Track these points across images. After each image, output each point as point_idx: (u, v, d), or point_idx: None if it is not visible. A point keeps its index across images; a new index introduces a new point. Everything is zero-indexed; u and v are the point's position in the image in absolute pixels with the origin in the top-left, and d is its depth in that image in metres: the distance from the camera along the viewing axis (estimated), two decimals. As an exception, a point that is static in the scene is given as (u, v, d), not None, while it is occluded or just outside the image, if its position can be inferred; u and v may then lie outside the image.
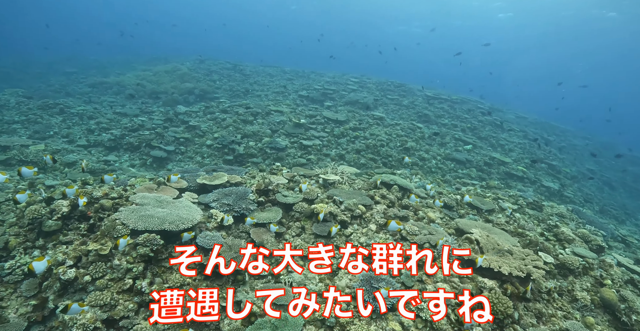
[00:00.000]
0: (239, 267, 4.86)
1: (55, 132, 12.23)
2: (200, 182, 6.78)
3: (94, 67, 27.47)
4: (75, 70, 25.50)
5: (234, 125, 13.68)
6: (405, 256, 5.54)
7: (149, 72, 23.58)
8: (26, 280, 5.14)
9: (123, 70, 25.81)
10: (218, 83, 21.80)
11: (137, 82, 20.62)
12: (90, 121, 13.42)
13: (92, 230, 5.49)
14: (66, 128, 12.66)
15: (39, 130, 11.93)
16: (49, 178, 8.73)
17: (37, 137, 11.61)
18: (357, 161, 12.79)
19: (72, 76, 23.49)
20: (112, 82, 20.65)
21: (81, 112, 13.91)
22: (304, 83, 22.88)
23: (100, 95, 18.54)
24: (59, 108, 13.79)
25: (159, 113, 14.88)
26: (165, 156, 11.51)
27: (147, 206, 5.38)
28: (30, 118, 12.72)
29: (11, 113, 13.29)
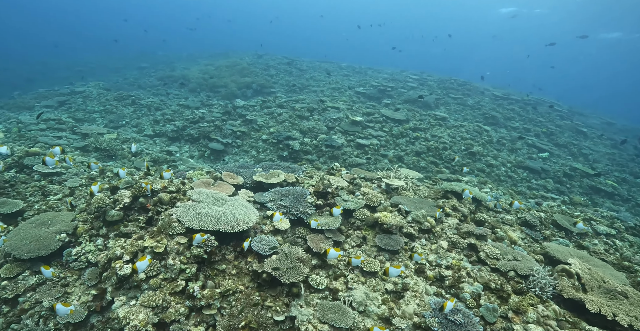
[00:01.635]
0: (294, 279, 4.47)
1: (126, 121, 12.96)
2: (257, 179, 6.52)
3: (163, 62, 29.16)
4: (147, 65, 27.25)
5: (290, 120, 13.48)
6: (484, 284, 4.77)
7: (211, 67, 24.38)
8: (89, 268, 5.23)
9: (188, 64, 27.04)
10: (275, 78, 21.88)
11: (200, 75, 21.36)
12: (156, 112, 14.05)
13: (150, 223, 5.44)
14: (136, 118, 13.37)
15: (114, 119, 12.72)
16: (117, 165, 9.11)
17: (111, 126, 12.38)
18: (416, 164, 11.91)
19: (144, 70, 25.11)
20: (178, 75, 21.64)
21: (149, 103, 14.62)
22: (361, 80, 22.16)
23: (167, 88, 19.47)
24: (131, 100, 14.63)
25: (219, 106, 15.17)
26: (222, 149, 11.62)
27: (204, 203, 5.19)
28: (107, 108, 13.62)
29: (93, 103, 14.36)
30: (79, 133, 10.55)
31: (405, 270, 5.07)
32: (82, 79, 21.41)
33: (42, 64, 29.72)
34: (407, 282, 4.84)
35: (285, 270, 4.50)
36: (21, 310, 4.90)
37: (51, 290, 5.09)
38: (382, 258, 5.26)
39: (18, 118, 11.53)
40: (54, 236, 5.43)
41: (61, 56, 34.30)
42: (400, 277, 4.91)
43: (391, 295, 4.72)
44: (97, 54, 34.86)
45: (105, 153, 9.33)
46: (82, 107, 14.21)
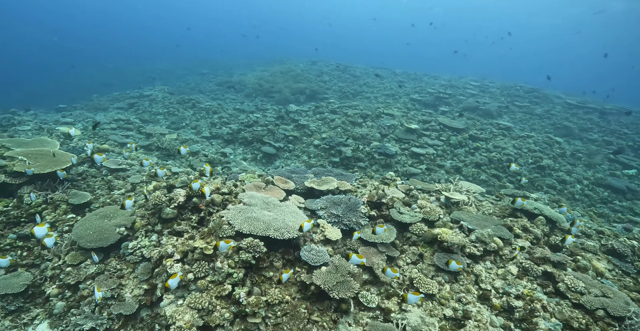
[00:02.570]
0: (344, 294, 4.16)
1: (186, 123, 13.65)
2: (309, 185, 6.33)
3: (222, 68, 30.67)
4: (208, 71, 28.81)
5: (343, 126, 13.27)
6: (564, 321, 4.09)
7: (266, 73, 25.11)
8: (143, 262, 5.37)
9: (245, 71, 28.14)
10: (328, 84, 21.90)
11: (255, 81, 22.05)
12: (214, 115, 14.65)
13: (201, 223, 5.47)
14: (195, 120, 14.04)
15: (175, 121, 13.47)
16: (175, 164, 9.50)
17: (173, 127, 13.10)
18: (476, 176, 11.03)
19: (204, 76, 26.56)
20: (235, 81, 22.54)
21: (208, 107, 15.31)
22: (416, 86, 21.39)
23: (224, 93, 20.35)
24: (192, 103, 15.44)
25: (272, 111, 15.43)
26: (274, 152, 11.71)
27: (254, 207, 5.09)
28: (170, 110, 14.49)
29: (158, 106, 15.39)
30: (144, 133, 11.26)
31: (467, 295, 4.52)
32: (150, 83, 23.16)
33: (117, 69, 32.80)
34: (469, 309, 4.30)
35: (334, 284, 4.21)
36: (81, 296, 5.12)
37: (108, 280, 5.28)
38: (441, 280, 4.76)
39: (94, 118, 12.62)
40: (114, 229, 5.67)
41: (133, 63, 37.58)
42: (461, 303, 4.39)
43: (450, 322, 4.22)
44: (164, 61, 37.69)
45: (165, 153, 9.82)
46: (148, 109, 15.26)
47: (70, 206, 6.39)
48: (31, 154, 7.21)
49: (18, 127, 10.89)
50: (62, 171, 6.43)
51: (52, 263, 5.62)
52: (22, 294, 5.31)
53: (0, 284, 5.29)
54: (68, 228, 6.02)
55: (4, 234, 6.03)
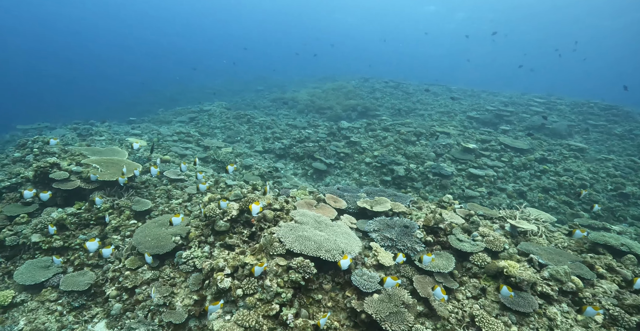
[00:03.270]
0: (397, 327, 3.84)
1: (241, 137, 14.21)
2: (361, 205, 6.11)
3: (276, 85, 31.87)
4: (262, 88, 30.10)
5: (395, 144, 12.93)
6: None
7: (318, 90, 25.57)
8: (195, 273, 5.46)
9: (298, 88, 28.93)
10: (380, 101, 21.72)
11: (308, 98, 22.51)
12: (267, 130, 15.10)
13: (252, 238, 5.47)
14: (249, 135, 14.56)
15: (231, 135, 14.09)
16: (229, 177, 9.82)
17: (228, 141, 13.69)
18: (543, 202, 10.02)
19: (259, 93, 27.75)
20: (288, 97, 23.22)
21: (262, 122, 15.84)
22: (474, 103, 20.41)
23: (277, 109, 21.00)
24: (247, 119, 16.09)
25: (324, 127, 15.55)
26: (325, 169, 11.68)
27: (306, 225, 4.98)
28: (227, 125, 15.21)
29: (215, 120, 16.26)
30: (202, 146, 11.87)
31: (541, 341, 3.95)
32: (210, 99, 24.67)
33: (181, 86, 35.47)
34: (544, 358, 3.74)
35: (387, 314, 3.91)
36: (136, 300, 5.31)
37: (161, 287, 5.43)
38: (507, 320, 4.23)
39: (159, 131, 13.59)
40: (170, 237, 5.87)
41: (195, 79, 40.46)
42: (534, 350, 3.84)
43: (520, 371, 3.69)
44: (222, 78, 40.16)
45: (221, 165, 10.22)
46: (207, 123, 16.16)
47: (133, 212, 6.78)
48: (103, 162, 7.85)
49: (95, 136, 12.04)
50: (122, 177, 6.87)
51: (113, 265, 5.94)
52: (85, 292, 5.65)
53: (68, 281, 5.68)
54: (129, 233, 6.38)
55: (75, 234, 6.53)
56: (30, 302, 5.61)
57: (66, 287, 5.59)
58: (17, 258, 6.31)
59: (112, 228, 6.39)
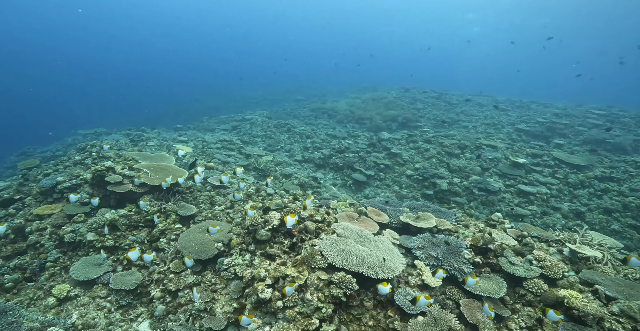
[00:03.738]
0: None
1: (281, 146, 14.44)
2: (404, 220, 5.90)
3: (315, 95, 32.25)
4: (303, 97, 30.58)
5: (438, 157, 12.50)
6: None
7: (358, 100, 25.52)
8: (235, 280, 5.51)
9: (337, 98, 29.07)
10: (422, 111, 21.23)
11: (347, 108, 22.52)
12: (307, 140, 15.22)
13: (293, 248, 5.43)
14: (289, 144, 14.76)
15: (271, 144, 14.37)
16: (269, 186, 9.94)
17: (269, 149, 13.96)
18: (605, 225, 9.16)
19: (299, 102, 28.20)
20: (327, 107, 23.37)
21: (302, 131, 16.02)
22: (523, 115, 19.34)
23: (316, 118, 21.18)
24: (287, 128, 16.36)
25: (364, 137, 15.41)
26: (364, 180, 11.51)
27: (348, 239, 4.87)
28: (268, 134, 15.55)
29: (257, 129, 16.69)
30: (243, 154, 12.19)
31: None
32: (251, 108, 25.46)
33: (224, 95, 36.97)
34: None
35: (434, 339, 3.68)
36: (178, 303, 5.44)
37: (203, 292, 5.54)
38: (570, 356, 3.82)
39: (203, 138, 14.16)
40: (212, 243, 5.99)
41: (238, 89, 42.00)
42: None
43: None
44: (263, 88, 41.40)
45: (261, 173, 10.40)
46: (248, 132, 16.62)
47: (178, 217, 7.03)
48: (153, 167, 8.25)
49: (146, 142, 12.76)
50: (165, 181, 7.16)
51: (159, 267, 6.16)
52: (132, 291, 5.89)
53: (117, 280, 5.96)
54: (174, 237, 6.59)
55: (125, 235, 6.87)
56: (83, 297, 5.93)
57: (115, 285, 5.86)
58: (73, 254, 6.74)
59: (159, 231, 6.65)
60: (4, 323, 5.10)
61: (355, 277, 4.27)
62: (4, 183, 9.19)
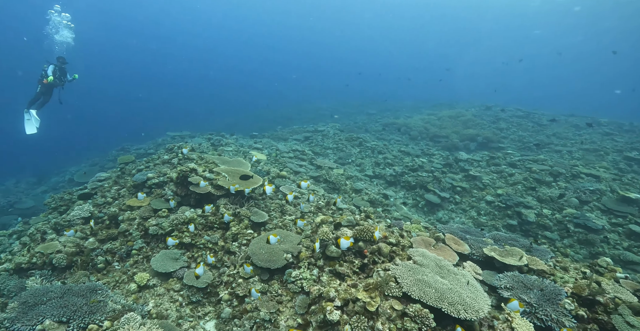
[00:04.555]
0: None
1: (352, 160, 14.30)
2: (488, 253, 5.27)
3: (388, 110, 31.74)
4: (375, 111, 30.30)
5: (525, 183, 11.22)
6: None
7: (433, 116, 24.48)
8: (301, 295, 5.40)
9: (411, 113, 28.26)
10: (505, 132, 19.51)
11: (422, 124, 21.67)
12: (379, 155, 14.88)
13: (363, 269, 5.17)
14: (360, 158, 14.57)
15: (342, 156, 14.32)
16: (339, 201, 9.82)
17: (339, 162, 13.92)
18: None
19: (371, 116, 27.97)
20: (401, 123, 22.76)
21: (373, 146, 15.73)
22: (634, 141, 16.62)
23: (389, 134, 20.71)
24: (359, 142, 16.21)
25: (439, 157, 14.57)
26: (438, 202, 10.78)
27: (426, 269, 4.45)
28: (339, 146, 15.56)
29: (328, 141, 16.84)
30: (314, 165, 12.28)
31: None
32: (324, 120, 25.90)
33: (297, 106, 38.27)
34: None
35: None
36: (244, 309, 5.48)
37: (268, 302, 5.52)
38: None
39: (277, 147, 14.65)
40: (282, 253, 5.98)
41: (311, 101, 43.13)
42: None
43: None
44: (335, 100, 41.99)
45: (331, 186, 10.33)
46: (320, 143, 16.82)
47: (251, 222, 7.20)
48: (230, 172, 8.65)
49: (225, 147, 13.58)
50: (233, 185, 7.38)
51: (229, 270, 6.33)
52: (202, 289, 6.12)
53: (190, 276, 6.24)
54: (246, 242, 6.75)
55: (201, 234, 7.24)
56: (159, 287, 6.32)
57: (188, 281, 6.15)
58: (155, 246, 7.27)
59: (232, 235, 6.87)
60: (93, 300, 5.61)
61: (432, 312, 3.85)
62: (106, 174, 10.44)
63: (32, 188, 18.76)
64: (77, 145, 29.43)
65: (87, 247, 6.94)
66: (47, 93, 12.71)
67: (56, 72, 12.43)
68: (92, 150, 24.49)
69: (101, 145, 25.59)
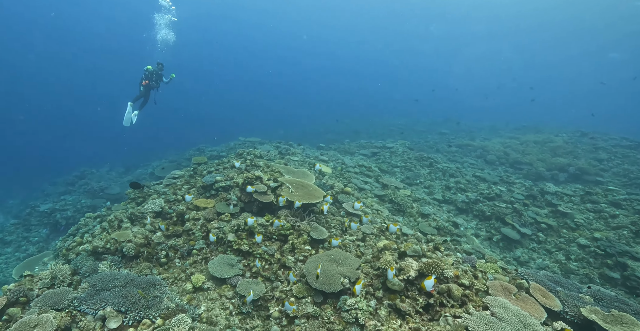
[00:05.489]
0: None
1: (420, 181, 13.43)
2: (588, 316, 4.28)
3: (462, 130, 29.80)
4: (448, 131, 28.65)
5: (632, 228, 9.36)
6: None
7: (515, 140, 22.33)
8: (354, 327, 4.92)
9: (489, 135, 26.17)
10: (606, 163, 16.86)
11: (501, 149, 19.80)
12: (450, 179, 13.77)
13: (427, 309, 4.54)
14: (429, 180, 13.61)
15: (410, 176, 13.53)
16: (404, 222, 9.15)
17: (406, 182, 13.16)
18: None
19: (444, 136, 26.46)
20: (476, 145, 21.08)
21: (445, 168, 14.64)
22: None
23: (462, 156, 19.25)
24: (429, 162, 15.22)
25: (521, 186, 12.99)
26: (517, 239, 9.47)
27: (506, 325, 3.71)
28: (407, 165, 14.78)
29: (396, 159, 16.13)
30: (380, 183, 11.71)
31: None
32: (392, 136, 25.12)
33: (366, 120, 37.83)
34: None
35: None
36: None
37: (319, 329, 5.14)
38: None
39: (343, 160, 14.37)
40: (338, 277, 5.58)
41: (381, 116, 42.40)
42: None
43: None
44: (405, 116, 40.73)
45: (396, 207, 9.69)
46: (387, 161, 16.17)
47: (310, 238, 6.93)
48: (294, 183, 8.53)
49: (291, 156, 13.68)
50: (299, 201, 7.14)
51: (282, 285, 6.09)
52: (253, 301, 5.95)
53: (243, 286, 6.13)
54: (302, 258, 6.48)
55: (258, 243, 7.15)
56: (213, 292, 6.30)
57: (240, 291, 6.03)
58: (215, 248, 7.36)
59: (289, 248, 6.66)
60: (151, 294, 5.76)
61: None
62: (180, 172, 11.09)
63: (120, 176, 20.97)
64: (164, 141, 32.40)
65: (154, 240, 7.27)
66: (146, 94, 14.18)
67: (153, 75, 13.81)
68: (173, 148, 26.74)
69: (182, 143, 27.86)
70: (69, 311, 5.23)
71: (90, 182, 18.49)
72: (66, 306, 5.35)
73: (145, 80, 13.80)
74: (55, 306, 5.34)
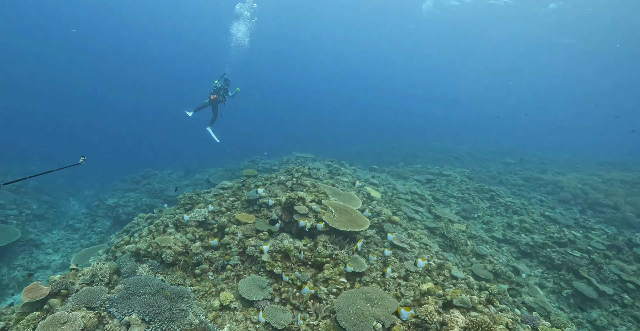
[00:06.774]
0: None
1: (478, 215, 12.17)
2: None
3: (532, 162, 27.15)
4: (514, 161, 26.30)
5: None
6: None
7: (596, 177, 19.67)
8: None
9: (563, 169, 23.48)
10: None
11: (579, 186, 17.46)
12: (513, 216, 12.29)
13: (472, 379, 3.76)
14: (489, 215, 12.28)
15: (467, 209, 12.34)
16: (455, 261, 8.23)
17: (462, 215, 12.02)
18: None
19: (509, 166, 24.28)
20: (548, 180, 18.90)
21: (508, 203, 13.15)
22: None
23: (530, 191, 17.33)
24: (490, 195, 13.83)
25: (602, 233, 11.11)
26: (594, 297, 7.93)
27: None
28: (465, 197, 13.56)
29: (453, 188, 14.95)
30: (433, 214, 10.79)
31: None
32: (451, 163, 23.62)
33: (426, 144, 36.21)
34: None
35: None
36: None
37: (342, 375, 4.57)
38: None
39: (394, 186, 13.63)
40: (371, 320, 4.99)
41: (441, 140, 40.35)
42: None
43: None
44: (469, 142, 38.28)
45: (448, 243, 8.75)
46: (443, 189, 15.04)
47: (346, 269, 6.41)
48: (338, 208, 8.11)
49: (341, 177, 13.29)
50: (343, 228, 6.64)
51: (310, 318, 5.63)
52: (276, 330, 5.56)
53: (270, 312, 5.78)
54: (336, 291, 5.98)
55: (293, 268, 6.80)
56: (239, 313, 6.02)
57: (266, 317, 5.69)
58: (248, 266, 7.14)
59: (323, 278, 6.20)
60: (176, 307, 5.65)
61: None
62: (229, 183, 11.26)
63: (179, 180, 22.19)
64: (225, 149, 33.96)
65: (192, 250, 7.27)
66: (214, 108, 15.15)
67: (220, 90, 14.64)
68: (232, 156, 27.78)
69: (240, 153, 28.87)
70: (98, 312, 5.29)
71: (153, 183, 19.78)
72: (98, 306, 5.43)
73: (213, 94, 14.68)
74: (88, 304, 5.44)
